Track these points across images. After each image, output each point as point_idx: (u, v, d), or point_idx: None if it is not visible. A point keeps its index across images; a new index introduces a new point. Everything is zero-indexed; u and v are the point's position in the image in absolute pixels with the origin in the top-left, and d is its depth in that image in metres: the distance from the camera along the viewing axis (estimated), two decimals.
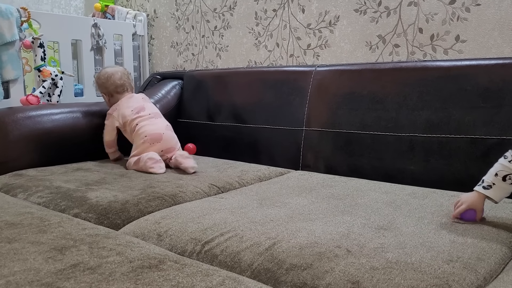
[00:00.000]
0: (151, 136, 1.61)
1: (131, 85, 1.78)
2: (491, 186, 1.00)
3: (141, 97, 1.75)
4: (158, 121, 1.67)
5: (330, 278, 0.76)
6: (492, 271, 0.79)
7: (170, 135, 1.66)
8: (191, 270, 0.75)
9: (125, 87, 1.73)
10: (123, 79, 1.73)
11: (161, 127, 1.65)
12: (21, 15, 1.88)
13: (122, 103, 1.70)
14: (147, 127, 1.63)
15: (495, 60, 1.35)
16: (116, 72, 1.73)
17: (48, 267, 0.74)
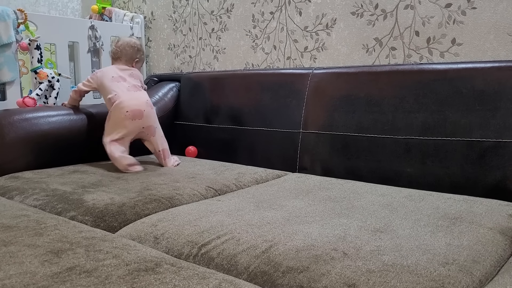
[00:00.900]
0: (132, 112, 1.61)
1: (131, 57, 1.77)
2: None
3: (130, 72, 1.74)
4: (138, 95, 1.65)
5: (327, 281, 0.76)
6: (487, 274, 0.80)
7: (150, 112, 1.65)
8: (188, 273, 0.75)
9: (118, 56, 1.76)
10: (121, 48, 1.76)
11: (142, 103, 1.63)
12: (17, 17, 1.88)
13: (109, 69, 1.73)
14: (128, 101, 1.61)
15: (491, 63, 1.35)
16: (120, 40, 1.79)
17: (44, 270, 0.74)
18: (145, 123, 1.64)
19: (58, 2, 2.83)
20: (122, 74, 1.71)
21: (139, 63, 1.82)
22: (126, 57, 1.77)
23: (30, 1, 2.68)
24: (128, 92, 1.64)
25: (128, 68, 1.75)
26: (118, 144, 1.60)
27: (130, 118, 1.60)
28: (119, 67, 1.74)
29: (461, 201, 1.19)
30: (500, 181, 1.28)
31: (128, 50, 1.77)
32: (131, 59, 1.78)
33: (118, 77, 1.69)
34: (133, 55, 1.78)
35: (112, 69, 1.72)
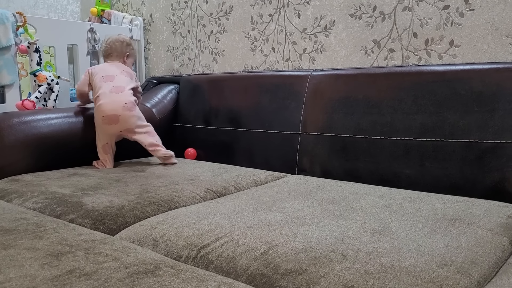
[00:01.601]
0: (108, 117, 1.65)
1: (122, 52, 1.81)
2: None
3: (121, 69, 1.76)
4: (118, 98, 1.66)
5: (325, 283, 0.76)
6: (486, 275, 0.80)
7: (127, 116, 1.66)
8: (187, 275, 0.75)
9: (109, 52, 1.80)
10: (111, 44, 1.80)
11: (118, 108, 1.64)
12: (16, 20, 1.88)
13: (100, 66, 1.76)
14: (105, 106, 1.65)
15: (489, 65, 1.36)
16: (109, 37, 1.83)
17: (44, 273, 0.74)
18: (122, 127, 1.67)
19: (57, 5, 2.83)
20: (112, 71, 1.73)
21: (130, 58, 1.86)
22: (117, 52, 1.80)
23: (29, 4, 2.69)
24: (109, 95, 1.66)
25: (120, 64, 1.78)
26: (103, 152, 1.71)
27: (106, 123, 1.66)
28: (111, 63, 1.77)
29: (460, 203, 1.19)
30: (498, 183, 1.29)
31: (117, 45, 1.81)
32: (121, 54, 1.81)
33: (107, 76, 1.71)
34: (123, 49, 1.81)
35: (103, 67, 1.75)
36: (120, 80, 1.71)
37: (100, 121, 1.66)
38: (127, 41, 1.84)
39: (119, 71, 1.74)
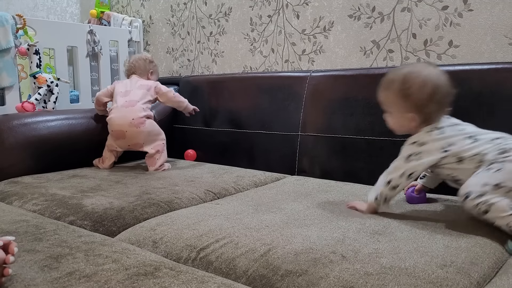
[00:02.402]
0: (115, 132, 1.69)
1: (145, 69, 1.86)
2: None
3: (139, 84, 1.78)
4: (127, 114, 1.67)
5: (325, 284, 0.76)
6: (485, 276, 0.80)
7: (134, 133, 1.67)
8: (187, 277, 0.75)
9: (133, 71, 1.85)
10: (134, 63, 1.85)
11: (125, 124, 1.66)
12: (16, 22, 1.88)
13: (124, 82, 1.81)
14: (114, 120, 1.68)
15: (488, 65, 1.36)
16: (131, 57, 1.92)
17: (44, 275, 0.74)
18: (130, 142, 1.70)
19: (56, 7, 2.83)
20: (130, 86, 1.76)
21: (154, 74, 1.90)
22: (140, 70, 1.84)
23: (28, 6, 2.69)
24: (120, 109, 1.69)
25: (140, 79, 1.81)
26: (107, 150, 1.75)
27: (114, 137, 1.70)
28: (132, 79, 1.81)
29: (459, 203, 1.19)
30: None
31: (140, 64, 1.85)
32: (145, 71, 1.86)
33: (125, 92, 1.74)
34: (146, 66, 1.86)
35: (125, 83, 1.80)
36: (134, 95, 1.73)
37: (110, 134, 1.71)
38: (149, 58, 1.89)
39: (136, 86, 1.77)
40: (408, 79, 1.10)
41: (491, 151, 1.02)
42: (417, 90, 1.08)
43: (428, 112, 1.09)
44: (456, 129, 1.09)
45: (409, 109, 1.10)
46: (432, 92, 1.07)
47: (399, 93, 1.11)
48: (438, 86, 1.08)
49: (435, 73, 1.10)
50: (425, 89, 1.08)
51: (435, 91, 1.07)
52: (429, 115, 1.09)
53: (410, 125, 1.12)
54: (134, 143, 1.70)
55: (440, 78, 1.10)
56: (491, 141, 1.04)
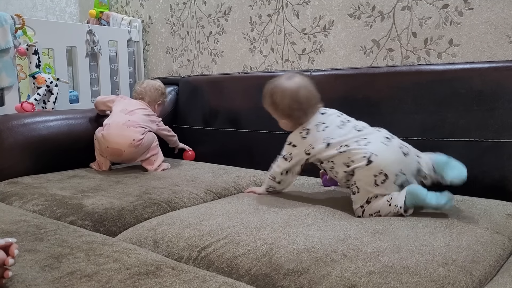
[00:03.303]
0: (111, 150, 1.64)
1: (155, 100, 1.83)
2: None
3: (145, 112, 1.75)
4: (128, 133, 1.63)
5: (327, 283, 0.76)
6: (487, 274, 0.80)
7: (132, 152, 1.64)
8: (188, 276, 0.75)
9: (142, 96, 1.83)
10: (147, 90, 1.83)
11: (125, 143, 1.62)
12: (15, 22, 1.88)
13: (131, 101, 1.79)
14: (112, 137, 1.63)
15: (488, 64, 1.36)
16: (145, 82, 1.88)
17: (45, 275, 0.74)
18: (125, 159, 1.68)
19: (55, 7, 2.83)
20: (136, 107, 1.74)
21: (161, 106, 1.88)
22: (150, 98, 1.82)
23: (27, 6, 2.69)
24: (121, 127, 1.64)
25: (146, 107, 1.78)
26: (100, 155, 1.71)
27: (109, 153, 1.66)
28: (139, 104, 1.78)
29: (460, 202, 1.19)
30: (498, 181, 1.28)
31: (153, 92, 1.83)
32: (154, 101, 1.83)
33: (130, 111, 1.71)
34: (157, 97, 1.84)
35: (132, 103, 1.76)
36: (138, 118, 1.69)
37: (104, 148, 1.65)
38: (162, 90, 1.87)
39: (142, 112, 1.73)
40: (272, 93, 1.28)
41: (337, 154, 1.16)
42: (280, 102, 1.26)
43: (295, 117, 1.25)
44: (321, 128, 1.23)
45: (281, 116, 1.29)
46: (291, 102, 1.24)
47: (271, 105, 1.29)
48: (295, 96, 1.24)
49: (295, 83, 1.25)
50: (285, 100, 1.25)
51: (294, 100, 1.24)
52: (297, 119, 1.26)
53: (288, 128, 1.30)
54: (128, 159, 1.70)
55: (300, 87, 1.25)
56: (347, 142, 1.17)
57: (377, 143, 1.14)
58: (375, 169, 1.10)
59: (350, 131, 1.20)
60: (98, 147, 1.69)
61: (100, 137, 1.65)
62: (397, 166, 1.11)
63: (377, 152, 1.11)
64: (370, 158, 1.10)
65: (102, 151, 1.68)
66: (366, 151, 1.12)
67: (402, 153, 1.14)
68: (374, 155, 1.11)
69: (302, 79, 1.27)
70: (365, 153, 1.11)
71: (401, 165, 1.11)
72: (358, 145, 1.14)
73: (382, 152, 1.12)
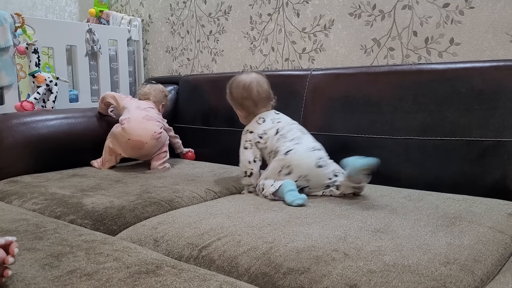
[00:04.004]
0: (133, 142, 1.64)
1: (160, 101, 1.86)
2: None
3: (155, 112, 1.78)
4: (149, 126, 1.66)
5: (328, 282, 0.75)
6: (489, 273, 0.80)
7: (153, 145, 1.67)
8: (188, 275, 0.75)
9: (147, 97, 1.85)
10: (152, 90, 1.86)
11: (147, 135, 1.64)
12: (15, 21, 1.87)
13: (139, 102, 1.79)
14: (134, 130, 1.64)
15: (489, 63, 1.35)
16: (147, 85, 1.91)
17: (45, 274, 0.73)
18: (144, 152, 1.69)
19: (55, 6, 2.83)
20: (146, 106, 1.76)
21: (164, 108, 1.90)
22: (155, 98, 1.85)
23: (27, 5, 2.68)
24: (141, 120, 1.66)
25: (154, 107, 1.81)
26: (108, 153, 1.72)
27: (130, 146, 1.65)
28: (148, 103, 1.80)
29: (461, 201, 1.19)
30: (499, 180, 1.28)
31: (158, 93, 1.87)
32: (159, 101, 1.86)
33: (143, 108, 1.73)
34: (161, 98, 1.87)
35: (139, 104, 1.77)
36: (152, 114, 1.73)
37: (125, 142, 1.65)
38: (165, 92, 1.91)
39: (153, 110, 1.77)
40: (230, 85, 1.48)
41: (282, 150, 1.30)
42: (234, 91, 1.46)
43: (246, 106, 1.45)
44: (275, 121, 1.40)
45: (236, 106, 1.49)
46: (242, 93, 1.43)
47: (228, 96, 1.49)
48: (247, 87, 1.43)
49: (249, 78, 1.45)
50: (238, 90, 1.45)
51: (244, 90, 1.43)
52: (248, 108, 1.45)
53: (244, 121, 1.48)
54: (146, 154, 1.70)
55: (252, 81, 1.44)
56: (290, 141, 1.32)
57: (304, 147, 1.31)
58: (285, 162, 1.27)
59: (295, 132, 1.37)
60: (115, 143, 1.68)
61: (119, 131, 1.65)
62: (304, 171, 1.26)
63: (297, 150, 1.29)
64: (289, 152, 1.29)
65: (121, 145, 1.66)
66: (290, 147, 1.30)
67: (318, 165, 1.28)
68: (293, 151, 1.29)
69: (257, 76, 1.47)
70: (289, 148, 1.30)
71: (308, 172, 1.26)
72: (290, 141, 1.32)
73: (301, 153, 1.29)
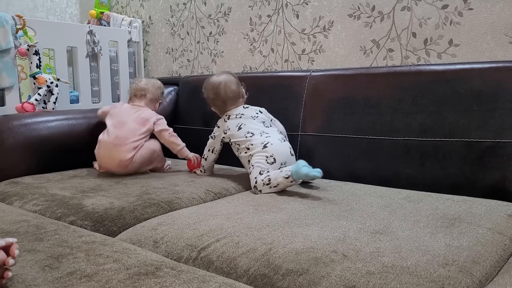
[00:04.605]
0: (104, 168, 1.60)
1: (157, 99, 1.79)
2: None
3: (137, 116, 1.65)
4: (114, 154, 1.56)
5: (327, 283, 0.76)
6: (487, 274, 0.80)
7: (123, 172, 1.58)
8: (188, 276, 0.75)
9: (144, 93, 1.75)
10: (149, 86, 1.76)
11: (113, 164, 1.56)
12: (16, 23, 1.88)
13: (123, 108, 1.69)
14: (102, 158, 1.58)
15: (488, 64, 1.36)
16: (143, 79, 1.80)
17: (45, 275, 0.74)
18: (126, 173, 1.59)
19: (56, 8, 2.83)
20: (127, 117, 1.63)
21: (160, 106, 1.84)
22: (153, 96, 1.76)
23: (28, 7, 2.69)
24: (108, 146, 1.57)
25: (140, 107, 1.69)
26: None
27: (104, 170, 1.63)
28: (133, 106, 1.69)
29: (460, 202, 1.19)
30: (499, 182, 1.28)
31: (156, 91, 1.77)
32: (156, 100, 1.78)
33: (119, 122, 1.62)
34: (159, 96, 1.80)
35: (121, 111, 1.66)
36: (127, 129, 1.59)
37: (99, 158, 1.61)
38: (163, 89, 1.84)
39: (134, 118, 1.63)
40: (204, 86, 1.65)
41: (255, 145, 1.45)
42: (206, 94, 1.63)
43: (217, 105, 1.61)
44: (238, 117, 1.55)
45: (210, 105, 1.65)
46: (212, 94, 1.60)
47: (204, 95, 1.65)
48: (215, 89, 1.59)
49: (218, 80, 1.59)
50: (209, 92, 1.61)
51: (213, 93, 1.59)
52: (219, 107, 1.61)
53: (218, 114, 1.64)
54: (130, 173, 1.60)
55: (220, 83, 1.58)
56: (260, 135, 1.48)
57: (275, 139, 1.47)
58: (268, 153, 1.41)
59: (258, 125, 1.52)
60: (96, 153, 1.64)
61: (95, 152, 1.62)
62: (284, 159, 1.42)
63: (273, 143, 1.44)
64: (266, 145, 1.43)
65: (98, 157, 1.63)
66: (264, 141, 1.44)
67: (291, 153, 1.47)
68: (270, 143, 1.43)
69: (227, 77, 1.60)
70: (263, 142, 1.44)
71: (286, 159, 1.43)
72: (260, 136, 1.47)
73: (277, 144, 1.44)
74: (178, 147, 1.70)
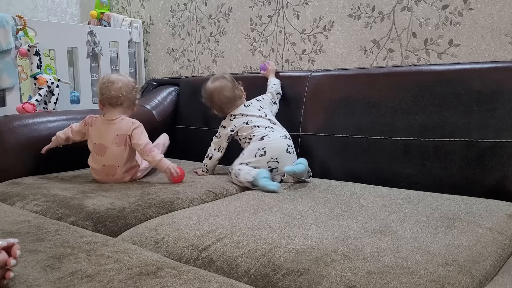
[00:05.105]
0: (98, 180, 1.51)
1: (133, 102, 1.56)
2: None
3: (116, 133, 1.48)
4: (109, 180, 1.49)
5: (327, 283, 0.76)
6: (487, 274, 0.80)
7: None
8: (189, 276, 0.75)
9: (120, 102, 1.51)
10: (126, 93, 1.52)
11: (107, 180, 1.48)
12: (16, 23, 1.88)
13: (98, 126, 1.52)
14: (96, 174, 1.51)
15: (488, 64, 1.36)
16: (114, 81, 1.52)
17: (46, 275, 0.74)
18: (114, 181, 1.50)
19: (56, 8, 2.84)
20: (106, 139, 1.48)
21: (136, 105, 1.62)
22: (130, 102, 1.54)
23: (29, 7, 2.69)
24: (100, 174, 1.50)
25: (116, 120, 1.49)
26: None
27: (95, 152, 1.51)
28: (105, 123, 1.50)
29: (460, 202, 1.19)
30: (498, 181, 1.29)
31: (130, 92, 1.53)
32: (132, 104, 1.56)
33: (99, 147, 1.49)
34: (134, 98, 1.56)
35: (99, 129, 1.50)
36: (112, 156, 1.47)
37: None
38: (136, 86, 1.59)
39: (113, 138, 1.47)
40: (203, 91, 1.71)
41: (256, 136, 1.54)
42: (204, 100, 1.71)
43: (217, 108, 1.68)
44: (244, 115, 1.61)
45: (209, 108, 1.72)
46: (207, 101, 1.69)
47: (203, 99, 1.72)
48: (210, 98, 1.67)
49: (212, 88, 1.65)
50: (205, 99, 1.70)
51: (209, 100, 1.68)
52: (219, 111, 1.68)
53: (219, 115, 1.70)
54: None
55: (215, 91, 1.64)
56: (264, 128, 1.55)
57: (276, 134, 1.54)
58: (260, 145, 1.50)
59: (264, 121, 1.58)
60: None
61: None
62: (276, 153, 1.48)
63: (271, 136, 1.51)
64: (263, 137, 1.51)
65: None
66: (264, 133, 1.52)
67: (288, 150, 1.52)
68: (267, 137, 1.51)
69: (220, 83, 1.64)
70: (263, 134, 1.52)
71: (279, 155, 1.49)
72: (264, 129, 1.54)
73: (275, 139, 1.51)
74: (154, 161, 1.46)
